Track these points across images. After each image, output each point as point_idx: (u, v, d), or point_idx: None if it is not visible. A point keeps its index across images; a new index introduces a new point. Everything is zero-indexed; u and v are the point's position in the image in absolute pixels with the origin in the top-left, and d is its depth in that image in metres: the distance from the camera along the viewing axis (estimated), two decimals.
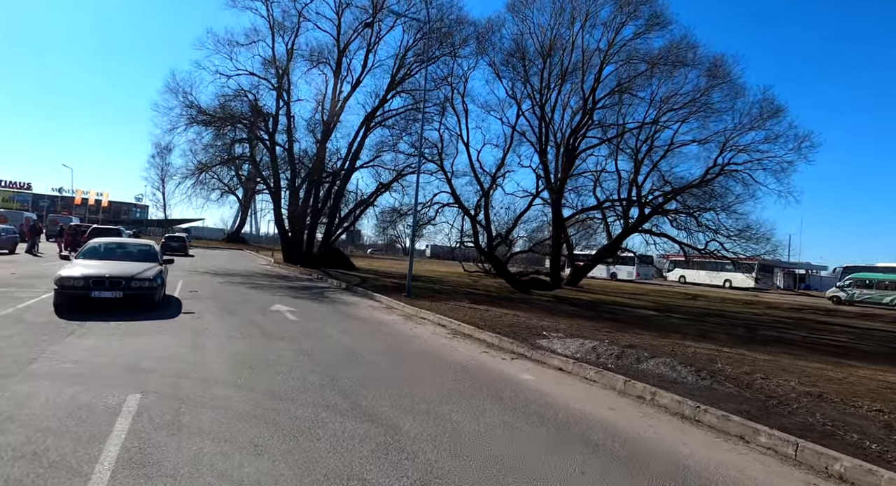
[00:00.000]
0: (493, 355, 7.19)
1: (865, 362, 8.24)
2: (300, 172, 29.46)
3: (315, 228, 29.99)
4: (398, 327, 9.46)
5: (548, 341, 7.76)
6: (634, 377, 5.49)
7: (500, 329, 8.87)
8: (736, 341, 9.67)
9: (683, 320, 13.27)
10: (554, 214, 24.63)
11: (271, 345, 6.97)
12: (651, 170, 25.42)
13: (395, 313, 11.52)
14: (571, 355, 6.74)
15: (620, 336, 8.77)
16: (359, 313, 11.18)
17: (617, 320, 11.83)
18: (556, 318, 11.31)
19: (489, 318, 10.48)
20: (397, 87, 27.82)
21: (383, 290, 15.75)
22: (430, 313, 10.90)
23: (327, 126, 28.36)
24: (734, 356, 7.47)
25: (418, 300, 13.32)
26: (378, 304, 13.21)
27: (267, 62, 29.10)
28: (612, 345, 7.09)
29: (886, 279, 32.30)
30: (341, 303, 12.88)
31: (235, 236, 69.36)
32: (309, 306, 11.87)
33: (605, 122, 24.28)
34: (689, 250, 25.36)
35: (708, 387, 5.22)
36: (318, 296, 14.27)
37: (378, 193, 30.18)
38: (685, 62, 21.83)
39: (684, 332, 10.54)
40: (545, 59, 23.22)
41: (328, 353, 6.69)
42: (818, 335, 11.97)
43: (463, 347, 7.75)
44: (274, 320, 9.30)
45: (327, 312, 11.13)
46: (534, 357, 6.92)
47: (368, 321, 10.09)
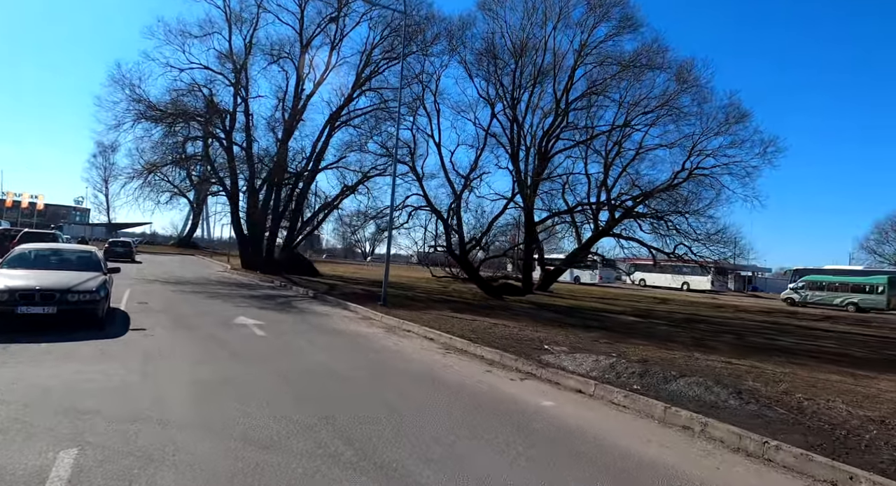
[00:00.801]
0: (499, 374, 6.40)
1: (871, 370, 7.94)
2: (260, 173, 27.86)
3: (276, 232, 28.43)
4: (382, 342, 8.52)
5: (554, 356, 7.04)
6: (672, 402, 4.82)
7: (496, 343, 8.09)
8: (737, 350, 9.27)
9: (672, 328, 12.90)
10: (526, 217, 24.17)
11: (242, 369, 5.92)
12: (621, 173, 25.42)
13: (374, 325, 10.55)
14: (587, 374, 6.03)
15: (626, 349, 8.16)
16: (334, 326, 10.15)
17: (608, 329, 11.29)
18: (547, 328, 10.64)
19: (479, 329, 9.69)
20: (364, 85, 26.76)
21: (355, 298, 14.70)
22: (413, 325, 10.00)
23: (289, 125, 26.95)
24: (752, 370, 6.96)
25: (396, 310, 12.38)
26: (353, 314, 12.18)
27: (223, 56, 27.40)
28: (629, 362, 6.43)
29: (836, 282, 33.64)
30: (312, 314, 11.79)
31: (187, 241, 65.92)
32: (277, 317, 10.73)
33: (578, 124, 24.05)
34: (658, 253, 25.49)
35: (757, 413, 4.61)
36: (286, 306, 13.09)
37: (343, 195, 28.92)
38: (656, 66, 21.88)
39: (681, 341, 10.08)
40: (517, 60, 22.77)
41: (311, 378, 5.71)
42: (807, 342, 11.82)
43: (461, 365, 6.92)
44: (240, 337, 8.18)
45: (299, 324, 10.05)
46: (545, 377, 6.17)
47: (347, 335, 9.10)
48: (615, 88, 22.65)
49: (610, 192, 25.67)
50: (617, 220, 25.19)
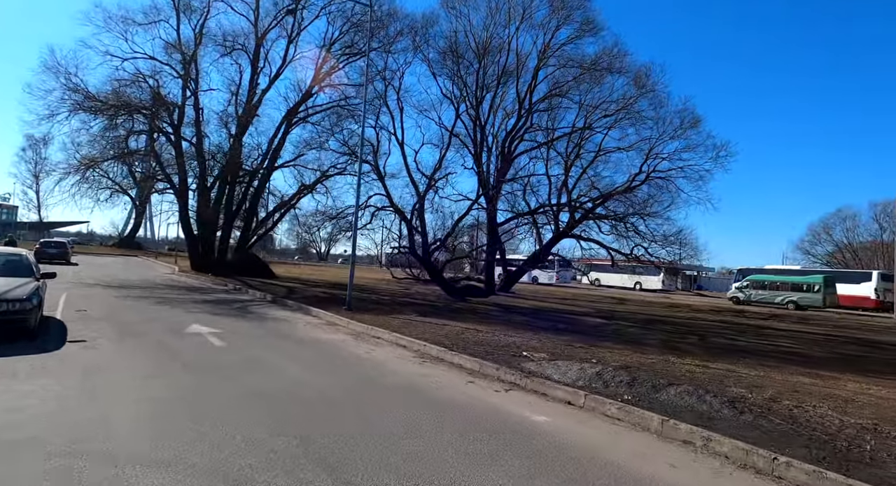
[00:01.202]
0: (482, 385, 6.08)
1: (832, 370, 8.15)
2: (212, 170, 26.51)
3: (229, 232, 27.12)
4: (352, 351, 8.03)
5: (536, 364, 6.80)
6: (668, 414, 4.64)
7: (472, 350, 7.78)
8: (706, 352, 9.35)
9: (639, 330, 13.01)
10: (489, 219, 24.04)
11: (199, 386, 5.33)
12: (581, 175, 25.68)
13: (340, 331, 10.02)
14: (574, 384, 5.80)
15: (604, 354, 8.03)
16: (298, 333, 9.55)
17: (579, 333, 11.21)
18: (518, 332, 10.44)
19: (451, 335, 9.35)
20: (323, 81, 25.91)
21: (317, 302, 14.06)
22: (382, 331, 9.55)
23: (243, 120, 25.75)
24: (729, 374, 6.96)
25: (361, 314, 11.87)
26: (317, 320, 11.57)
27: (171, 46, 25.89)
28: (615, 369, 6.25)
29: (778, 281, 35.42)
30: (273, 320, 11.11)
31: (129, 241, 62.35)
32: (235, 325, 10.02)
33: (541, 126, 24.16)
34: (617, 254, 25.98)
35: (753, 424, 4.49)
36: (243, 311, 12.31)
37: (300, 194, 27.94)
38: (615, 69, 22.22)
39: (652, 344, 10.10)
40: (480, 60, 22.63)
41: (279, 394, 5.20)
42: (765, 341, 12.16)
43: (441, 376, 6.55)
44: (195, 347, 7.49)
45: (259, 332, 9.40)
46: (530, 388, 5.90)
47: (313, 344, 8.55)
48: (577, 90, 22.87)
49: (570, 194, 25.94)
50: (577, 221, 25.46)
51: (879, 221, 46.99)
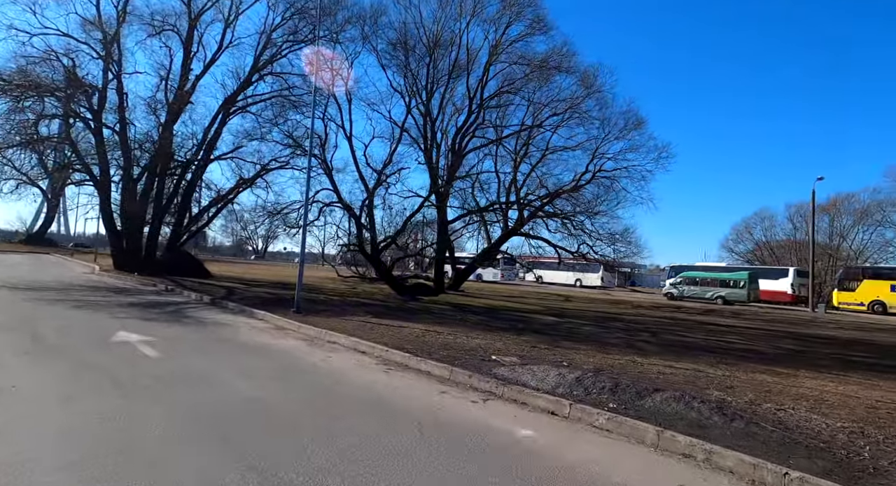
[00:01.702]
0: (456, 396, 5.63)
1: (786, 367, 8.38)
2: (139, 161, 24.40)
3: (158, 228, 25.07)
4: (308, 359, 7.35)
5: (508, 369, 6.44)
6: (660, 424, 4.40)
7: (438, 355, 7.33)
8: (666, 351, 9.41)
9: (593, 328, 13.06)
10: (439, 216, 23.71)
11: (134, 409, 4.54)
12: (529, 173, 25.90)
13: (290, 336, 9.25)
14: (553, 391, 5.49)
15: (573, 356, 7.83)
16: (244, 340, 8.70)
17: (538, 332, 11.03)
18: (480, 333, 10.09)
19: (411, 338, 8.85)
20: (264, 69, 24.48)
21: (262, 304, 13.08)
22: (338, 335, 8.89)
23: (175, 108, 23.82)
24: (699, 375, 6.94)
25: (312, 317, 11.11)
26: (263, 324, 10.69)
27: (89, 23, 23.51)
28: (595, 374, 6.00)
29: (708, 277, 37.48)
30: (214, 325, 10.12)
31: (39, 238, 56.90)
32: (169, 331, 8.99)
33: (492, 123, 24.06)
34: (563, 252, 26.38)
35: (746, 431, 4.33)
36: (177, 315, 11.19)
37: (239, 189, 26.33)
38: (564, 69, 22.46)
39: (611, 343, 10.08)
40: (431, 53, 22.14)
41: (230, 415, 4.52)
42: (714, 338, 12.55)
43: (410, 385, 6.05)
44: (125, 360, 6.55)
45: (198, 339, 8.46)
46: (509, 396, 5.52)
47: (263, 351, 7.77)
48: (527, 88, 22.96)
49: (519, 192, 26.10)
50: (526, 219, 25.63)
51: (793, 222, 50.88)
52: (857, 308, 32.62)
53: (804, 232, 50.63)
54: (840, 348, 12.02)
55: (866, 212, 45.13)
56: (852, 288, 33.75)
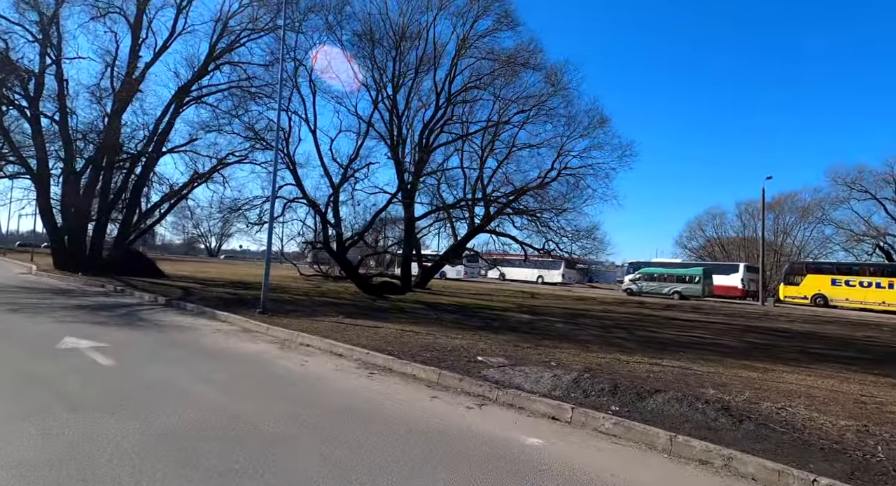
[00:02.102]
0: (449, 401, 5.31)
1: (762, 361, 8.51)
2: (83, 152, 22.77)
3: (105, 224, 23.49)
4: (283, 364, 6.84)
5: (498, 371, 6.18)
6: (667, 427, 4.23)
7: (421, 357, 6.99)
8: (645, 347, 9.41)
9: (568, 325, 13.01)
10: (406, 213, 23.26)
11: (88, 429, 3.98)
12: (496, 170, 25.83)
13: (260, 340, 8.66)
14: (550, 394, 5.26)
15: (557, 354, 7.66)
16: (208, 344, 8.06)
17: (516, 331, 10.86)
18: (458, 333, 9.81)
19: (389, 339, 8.47)
20: (220, 57, 23.31)
21: (224, 305, 12.33)
22: (312, 337, 8.39)
23: (123, 96, 22.32)
24: (687, 372, 6.90)
25: (280, 317, 10.53)
26: (228, 326, 10.01)
27: (23, 3, 21.73)
28: (592, 375, 5.81)
29: (665, 273, 38.57)
30: (173, 328, 9.39)
31: None
32: (123, 335, 8.25)
33: (459, 118, 23.80)
34: (530, 249, 26.48)
35: (757, 433, 4.21)
36: (131, 318, 10.35)
37: (193, 184, 25.01)
38: (531, 65, 22.41)
39: (590, 340, 10.01)
40: (398, 45, 21.64)
41: (203, 433, 4.03)
42: (685, 333, 12.74)
43: (398, 391, 5.68)
44: (75, 370, 5.88)
45: (157, 344, 7.78)
46: (504, 401, 5.25)
47: (232, 357, 7.19)
48: (494, 84, 22.79)
49: (486, 188, 26.01)
50: (493, 216, 25.54)
51: (742, 219, 53.35)
52: (801, 302, 34.30)
53: (752, 229, 53.21)
54: (799, 341, 12.44)
55: (808, 210, 47.73)
56: (797, 283, 35.44)
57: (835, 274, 34.03)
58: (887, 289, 31.08)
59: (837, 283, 33.46)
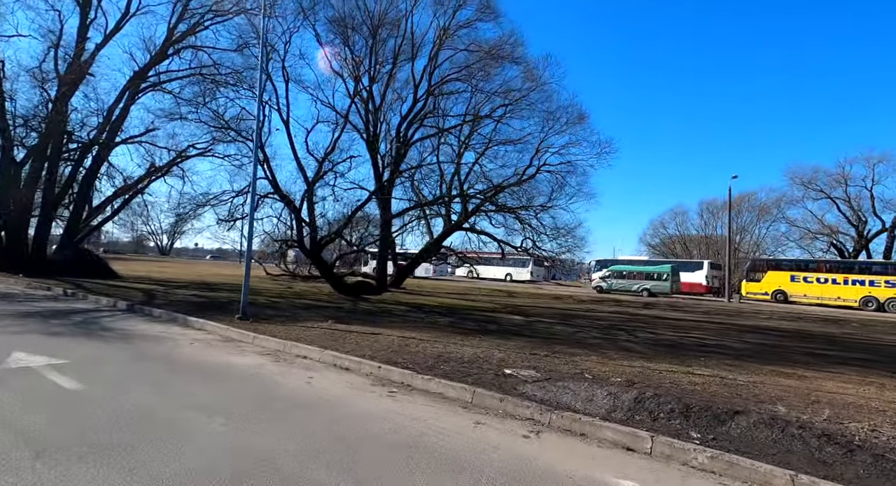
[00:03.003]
0: (498, 427, 4.58)
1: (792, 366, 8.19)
2: (23, 141, 20.63)
3: (50, 221, 21.42)
4: (285, 382, 5.92)
5: (537, 388, 5.49)
6: (776, 462, 3.64)
7: (441, 370, 6.22)
8: (659, 353, 8.94)
9: (565, 326, 12.48)
10: (383, 210, 22.29)
11: (66, 484, 3.04)
12: (472, 166, 25.20)
13: (247, 351, 7.64)
14: (610, 416, 4.61)
15: (584, 364, 7.06)
16: (189, 357, 7.00)
17: (519, 335, 10.22)
18: (462, 338, 9.09)
19: (394, 348, 7.65)
20: (181, 41, 21.62)
21: (196, 310, 11.13)
22: (307, 348, 7.46)
23: (70, 80, 20.34)
24: (726, 383, 6.42)
25: (265, 324, 9.51)
26: (205, 334, 8.90)
27: None
28: (656, 395, 5.15)
29: (634, 270, 39.01)
30: (142, 338, 8.22)
31: None
32: (86, 350, 7.07)
33: (437, 113, 22.98)
34: (507, 247, 26.01)
35: (878, 468, 3.62)
36: (91, 326, 9.07)
37: (150, 178, 23.23)
38: (513, 58, 21.82)
39: (602, 345, 9.48)
40: (374, 34, 20.60)
41: None
42: (685, 334, 12.44)
43: (429, 414, 4.90)
44: (33, 398, 4.80)
45: (131, 360, 6.66)
46: (560, 426, 4.56)
47: (222, 374, 6.20)
48: (474, 77, 22.03)
49: (463, 185, 25.35)
50: (470, 213, 24.91)
51: (703, 217, 54.93)
52: (762, 298, 35.39)
53: (713, 227, 54.89)
54: (800, 341, 12.33)
55: (765, 209, 49.55)
56: (758, 279, 36.51)
57: (794, 271, 35.22)
58: (842, 285, 32.40)
59: (796, 279, 34.67)
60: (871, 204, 41.57)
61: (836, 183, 42.93)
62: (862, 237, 42.15)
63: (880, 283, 30.92)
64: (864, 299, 31.18)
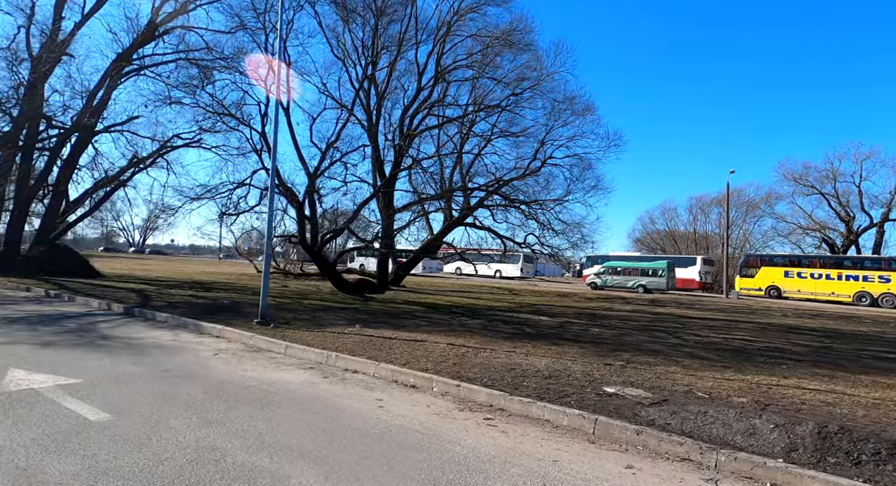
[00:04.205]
0: (654, 473, 3.66)
1: (863, 373, 7.59)
2: None
3: (24, 215, 19.72)
4: (350, 407, 4.91)
5: (670, 414, 4.63)
6: None
7: (527, 388, 5.33)
8: (731, 360, 8.23)
9: (604, 329, 11.69)
10: (386, 205, 21.17)
11: None
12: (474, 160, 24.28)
13: (285, 364, 6.57)
14: (792, 456, 3.77)
15: (685, 378, 6.26)
16: (226, 375, 5.90)
17: (565, 339, 9.41)
18: (517, 345, 8.22)
19: (451, 358, 6.72)
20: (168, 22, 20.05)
21: (203, 313, 9.96)
22: (354, 360, 6.46)
23: (43, 62, 18.66)
24: (846, 399, 5.70)
25: (287, 330, 8.44)
26: (227, 343, 7.77)
27: None
28: (841, 430, 4.36)
29: (629, 267, 38.69)
30: (155, 348, 7.06)
31: None
32: (96, 364, 5.92)
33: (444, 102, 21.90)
34: (510, 243, 25.19)
35: None
36: (90, 335, 7.86)
37: (134, 168, 21.63)
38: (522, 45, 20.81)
39: (659, 351, 8.72)
40: (378, 18, 19.43)
41: None
42: (728, 335, 11.80)
43: (555, 452, 3.98)
44: (52, 432, 3.72)
45: (154, 378, 5.54)
46: (738, 472, 3.64)
47: (276, 397, 5.12)
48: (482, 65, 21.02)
49: (465, 178, 24.41)
50: (473, 208, 24.00)
51: (693, 212, 55.21)
52: (755, 293, 35.39)
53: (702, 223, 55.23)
54: (846, 342, 11.68)
55: (755, 204, 49.96)
56: (752, 275, 36.52)
57: (787, 266, 35.35)
58: (836, 280, 32.57)
59: (790, 275, 34.80)
60: (858, 199, 42.14)
61: (825, 179, 43.40)
62: (851, 233, 42.71)
63: (874, 278, 31.19)
64: (857, 295, 31.42)
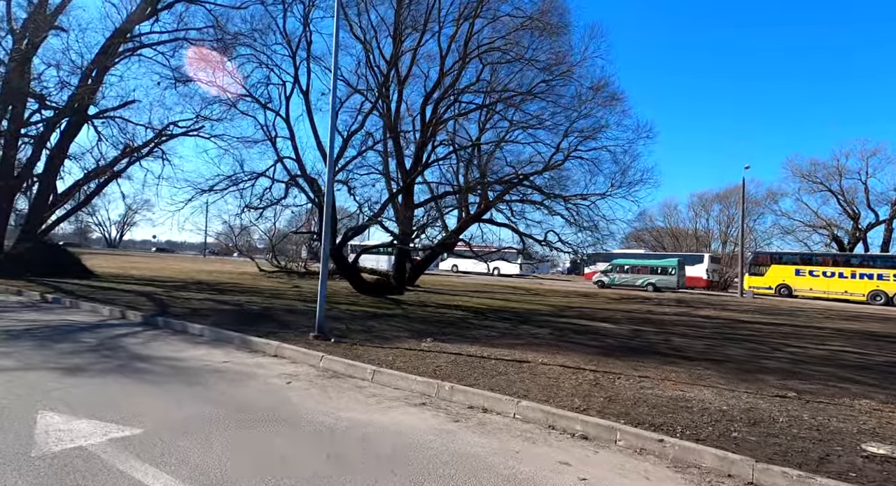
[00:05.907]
0: None
1: None
2: None
3: (9, 209, 17.84)
4: (543, 478, 3.63)
5: None
6: None
7: (750, 444, 4.13)
8: (883, 381, 7.16)
9: (685, 339, 10.57)
10: (405, 201, 19.83)
11: None
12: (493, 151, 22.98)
13: (386, 398, 5.21)
14: None
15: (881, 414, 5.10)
16: (324, 418, 4.50)
17: (649, 352, 8.23)
18: (628, 365, 7.00)
19: (585, 389, 5.47)
20: None
21: (243, 323, 8.50)
22: (477, 392, 5.14)
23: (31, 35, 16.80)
24: None
25: (356, 347, 7.09)
26: (295, 366, 6.35)
27: None
28: None
29: (637, 264, 37.78)
30: (206, 373, 5.63)
31: None
32: (146, 401, 4.49)
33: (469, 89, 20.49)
34: (529, 240, 24.00)
35: None
36: (116, 354, 6.38)
37: (129, 158, 19.81)
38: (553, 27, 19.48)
39: (798, 373, 7.59)
40: None
41: None
42: (823, 344, 10.78)
43: None
44: None
45: (236, 426, 4.12)
46: None
47: (416, 461, 3.76)
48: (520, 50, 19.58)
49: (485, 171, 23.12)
50: (491, 203, 22.70)
51: (694, 210, 54.86)
52: (765, 292, 34.76)
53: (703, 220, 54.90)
54: None
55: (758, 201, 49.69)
56: (761, 273, 35.86)
57: (798, 264, 34.85)
58: (850, 279, 32.12)
59: (801, 273, 34.30)
60: (864, 196, 42.04)
61: (832, 176, 43.24)
62: (858, 230, 42.61)
63: (889, 277, 30.79)
64: (872, 293, 31.02)
